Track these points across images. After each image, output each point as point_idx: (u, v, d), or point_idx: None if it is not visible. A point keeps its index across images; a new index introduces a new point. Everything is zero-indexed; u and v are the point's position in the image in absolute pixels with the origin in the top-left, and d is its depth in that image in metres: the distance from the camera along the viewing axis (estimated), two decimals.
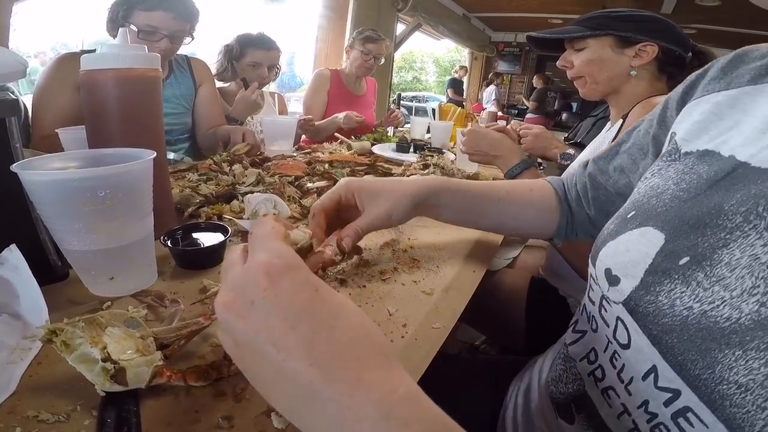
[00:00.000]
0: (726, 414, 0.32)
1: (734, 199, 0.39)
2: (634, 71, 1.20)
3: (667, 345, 0.38)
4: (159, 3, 1.52)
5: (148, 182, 0.57)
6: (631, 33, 1.17)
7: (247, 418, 0.41)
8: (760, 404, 0.30)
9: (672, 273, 0.40)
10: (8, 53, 0.60)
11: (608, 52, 1.21)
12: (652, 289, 0.41)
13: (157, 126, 0.77)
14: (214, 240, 0.71)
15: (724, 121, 0.47)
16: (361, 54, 2.54)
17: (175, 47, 1.63)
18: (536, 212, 0.79)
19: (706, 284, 0.37)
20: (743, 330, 0.33)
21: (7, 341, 0.47)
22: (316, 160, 1.41)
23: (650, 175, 0.53)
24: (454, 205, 0.75)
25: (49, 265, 0.60)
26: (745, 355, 0.32)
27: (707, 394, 0.33)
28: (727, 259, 0.36)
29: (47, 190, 0.50)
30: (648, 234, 0.44)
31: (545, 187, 0.81)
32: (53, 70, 1.48)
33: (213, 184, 1.03)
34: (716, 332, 0.34)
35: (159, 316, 0.55)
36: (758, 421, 0.30)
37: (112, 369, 0.39)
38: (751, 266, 0.35)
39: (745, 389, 0.31)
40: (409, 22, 5.44)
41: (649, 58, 1.17)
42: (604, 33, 1.20)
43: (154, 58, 0.73)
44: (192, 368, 0.44)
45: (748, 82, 0.48)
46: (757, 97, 0.46)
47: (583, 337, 0.55)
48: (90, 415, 0.39)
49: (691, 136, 0.50)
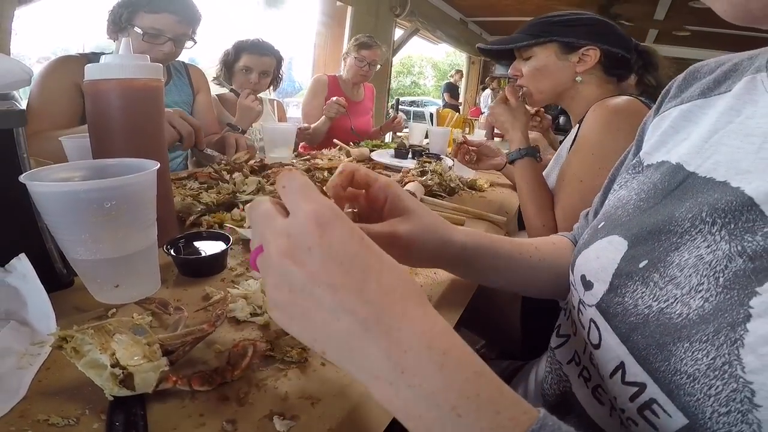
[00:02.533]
0: (682, 403, 0.35)
1: (683, 207, 0.43)
2: (579, 77, 1.21)
3: (634, 342, 0.41)
4: (164, 5, 1.51)
5: (152, 193, 0.59)
6: (573, 38, 1.18)
7: (250, 421, 0.42)
8: (706, 392, 0.33)
9: (634, 275, 0.43)
10: (14, 62, 0.61)
11: (553, 60, 1.22)
12: (619, 291, 0.44)
13: (159, 135, 0.78)
14: (216, 249, 0.72)
15: (680, 134, 0.52)
16: (356, 61, 2.55)
17: (177, 51, 1.64)
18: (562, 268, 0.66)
19: (661, 284, 0.40)
20: (691, 324, 0.36)
21: (16, 347, 0.48)
22: (315, 167, 1.43)
23: (618, 187, 0.58)
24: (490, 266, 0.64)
25: (54, 273, 0.61)
26: (691, 347, 0.35)
27: (666, 385, 0.37)
28: (678, 261, 0.40)
29: (55, 201, 0.51)
30: (614, 241, 0.48)
31: (564, 242, 0.74)
32: (51, 71, 1.47)
33: (214, 193, 1.04)
34: (671, 327, 0.38)
35: (163, 323, 0.57)
36: (707, 408, 0.33)
37: (121, 374, 0.40)
38: (697, 266, 0.38)
39: (693, 378, 0.34)
40: (407, 27, 5.46)
41: (591, 62, 1.18)
42: (547, 40, 1.21)
43: (157, 68, 0.74)
44: (197, 373, 0.45)
45: (699, 96, 0.52)
46: (706, 108, 0.50)
47: (567, 341, 0.58)
48: (98, 418, 0.41)
49: (652, 150, 0.55)
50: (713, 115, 0.48)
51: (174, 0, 1.54)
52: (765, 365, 0.31)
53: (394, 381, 0.31)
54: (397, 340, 0.31)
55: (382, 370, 0.32)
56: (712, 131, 0.46)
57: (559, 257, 0.69)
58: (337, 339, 0.33)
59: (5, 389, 0.43)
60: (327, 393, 0.46)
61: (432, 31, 5.80)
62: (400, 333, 0.32)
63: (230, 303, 0.58)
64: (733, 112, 0.45)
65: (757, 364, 0.31)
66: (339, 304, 0.32)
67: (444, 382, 0.30)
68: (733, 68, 0.51)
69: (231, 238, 0.75)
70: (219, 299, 0.59)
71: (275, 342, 0.52)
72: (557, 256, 0.69)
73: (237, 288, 0.63)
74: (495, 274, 0.65)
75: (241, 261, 0.76)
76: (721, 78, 0.51)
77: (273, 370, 0.49)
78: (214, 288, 0.64)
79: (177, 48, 1.62)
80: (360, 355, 0.32)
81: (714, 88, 0.51)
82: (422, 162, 1.53)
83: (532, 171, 1.23)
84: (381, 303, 0.32)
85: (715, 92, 0.51)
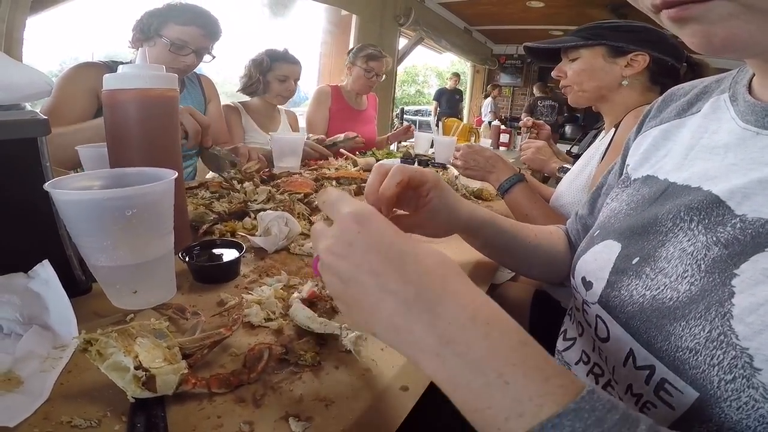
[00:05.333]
0: (690, 376, 0.39)
1: (665, 209, 0.49)
2: (626, 81, 1.22)
3: (635, 328, 0.46)
4: (193, 19, 1.58)
5: (170, 201, 0.60)
6: (623, 43, 1.19)
7: (267, 422, 0.43)
8: (709, 362, 0.37)
9: (628, 271, 0.49)
10: (35, 73, 0.62)
11: (600, 62, 1.23)
12: (615, 286, 0.50)
13: (174, 144, 0.80)
14: (230, 256, 0.74)
15: (660, 151, 0.59)
16: (363, 72, 2.55)
17: (197, 63, 1.70)
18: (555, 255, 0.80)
19: (652, 275, 0.46)
20: (683, 305, 0.41)
21: (38, 351, 0.50)
22: (323, 176, 1.44)
23: (610, 200, 0.65)
24: (492, 240, 0.76)
25: (74, 279, 0.63)
26: (688, 324, 0.40)
27: (671, 363, 0.41)
28: (665, 254, 0.46)
29: (79, 209, 0.53)
30: (609, 245, 0.55)
31: (560, 233, 0.85)
32: (71, 76, 1.49)
33: (225, 202, 1.06)
34: (664, 310, 0.43)
35: (180, 327, 0.58)
36: (714, 378, 0.36)
37: (143, 376, 0.42)
38: (681, 257, 0.44)
39: (695, 352, 0.38)
40: (412, 37, 5.50)
41: (640, 67, 1.18)
42: (597, 43, 1.22)
43: (173, 78, 0.76)
44: (215, 376, 0.46)
45: (675, 116, 0.60)
46: (681, 128, 0.58)
47: (574, 344, 0.62)
48: (120, 420, 0.42)
49: (638, 165, 0.62)
50: (687, 134, 0.55)
51: (202, 14, 1.61)
52: (755, 331, 0.35)
53: (441, 352, 0.33)
54: (440, 314, 0.34)
55: (428, 343, 0.34)
56: (688, 147, 0.53)
57: (554, 244, 0.80)
58: (385, 319, 0.36)
59: (29, 392, 0.44)
60: (340, 395, 0.48)
61: (436, 40, 5.84)
62: (442, 307, 0.34)
63: (245, 308, 0.59)
64: (701, 130, 0.53)
65: (748, 331, 0.35)
66: (382, 287, 0.36)
67: (489, 349, 0.32)
68: (704, 90, 0.58)
69: (244, 246, 0.76)
70: (235, 304, 0.60)
71: (289, 346, 0.53)
72: (552, 243, 0.80)
73: (251, 294, 0.64)
74: (497, 248, 0.78)
75: (253, 268, 0.78)
76: (693, 100, 0.59)
77: (288, 373, 0.50)
78: (229, 294, 0.65)
79: (198, 60, 1.68)
80: (405, 331, 0.35)
81: (687, 109, 0.59)
82: None
83: (529, 190, 1.27)
84: (421, 282, 0.35)
85: (689, 113, 0.58)
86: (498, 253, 0.80)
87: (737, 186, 0.43)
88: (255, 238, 0.85)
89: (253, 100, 2.28)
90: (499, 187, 1.33)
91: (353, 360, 0.53)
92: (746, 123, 0.46)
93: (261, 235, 0.87)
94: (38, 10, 1.95)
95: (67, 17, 14.74)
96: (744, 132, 0.46)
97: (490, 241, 0.77)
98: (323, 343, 0.56)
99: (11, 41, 1.80)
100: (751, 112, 0.46)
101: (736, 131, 0.47)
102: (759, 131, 0.44)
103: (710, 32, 0.35)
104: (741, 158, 0.45)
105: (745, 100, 0.47)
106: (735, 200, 0.42)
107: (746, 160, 0.44)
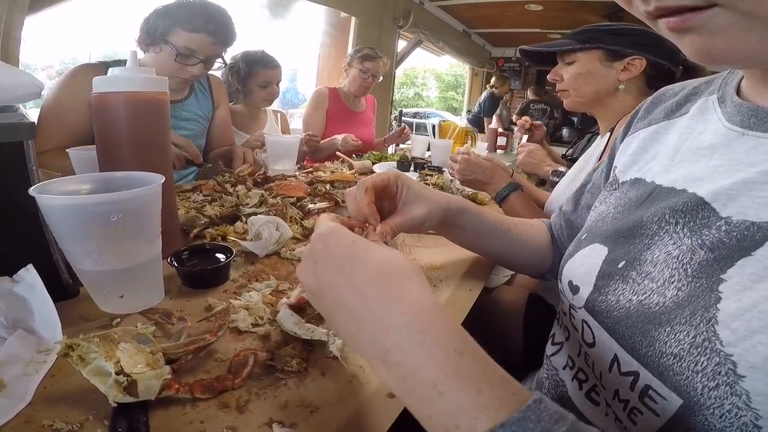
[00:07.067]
0: (673, 383, 0.38)
1: (650, 212, 0.49)
2: (623, 85, 1.22)
3: (620, 333, 0.45)
4: (203, 25, 1.43)
5: (157, 206, 0.60)
6: (620, 46, 1.19)
7: (250, 428, 0.43)
8: (693, 368, 0.37)
9: (614, 275, 0.49)
10: (25, 75, 0.63)
11: (596, 66, 1.23)
12: (602, 290, 0.50)
13: (165, 148, 0.80)
14: (219, 261, 0.74)
15: (648, 153, 0.58)
16: (359, 73, 2.55)
17: (206, 71, 1.59)
18: (535, 247, 0.83)
19: (639, 280, 0.46)
20: (668, 311, 0.41)
21: (22, 355, 0.49)
22: (317, 180, 1.44)
23: (598, 204, 0.64)
24: (471, 228, 0.78)
25: (61, 283, 0.62)
26: (672, 330, 0.39)
27: (656, 369, 0.40)
28: (651, 258, 0.46)
29: (64, 213, 0.53)
30: (595, 249, 0.54)
31: (542, 227, 0.86)
32: (68, 83, 1.40)
33: (217, 206, 1.05)
34: (650, 316, 0.42)
35: (166, 332, 0.58)
36: (697, 384, 0.36)
37: (125, 381, 0.42)
38: (667, 261, 0.44)
39: (679, 358, 0.38)
40: (410, 39, 5.50)
41: (637, 71, 1.19)
42: (593, 46, 1.22)
43: (163, 81, 0.76)
44: (198, 381, 0.46)
45: (663, 118, 0.59)
46: (669, 129, 0.57)
47: (561, 348, 0.62)
48: (102, 424, 0.42)
49: (625, 168, 0.61)
50: (675, 135, 0.55)
51: (214, 19, 1.46)
52: (739, 337, 0.34)
53: (384, 360, 0.34)
54: (381, 320, 0.35)
55: (373, 351, 0.35)
56: (675, 149, 0.53)
57: (533, 236, 0.82)
58: (342, 329, 0.39)
59: (12, 395, 0.44)
60: (326, 401, 0.47)
61: (435, 42, 5.85)
62: (382, 314, 0.35)
63: (232, 314, 0.59)
64: (688, 131, 0.52)
65: (733, 337, 0.35)
66: (336, 298, 0.39)
67: (424, 358, 0.32)
68: (693, 92, 0.58)
69: (234, 250, 0.76)
70: (221, 310, 0.60)
71: (275, 352, 0.53)
72: (532, 234, 0.83)
73: (239, 299, 0.64)
74: (477, 237, 0.80)
75: (243, 273, 0.78)
76: (682, 101, 0.58)
77: (273, 379, 0.50)
78: (217, 299, 0.65)
79: (207, 68, 1.56)
80: (357, 339, 0.37)
81: (676, 110, 0.58)
82: (424, 175, 1.54)
83: (525, 198, 1.28)
84: (366, 290, 0.37)
85: (677, 114, 0.57)
86: (481, 243, 0.82)
87: (722, 187, 0.42)
88: (245, 242, 0.84)
89: (238, 106, 2.24)
90: (496, 196, 1.33)
91: (340, 366, 0.53)
92: (732, 124, 0.46)
93: (252, 240, 0.87)
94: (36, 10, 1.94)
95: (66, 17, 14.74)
96: (729, 133, 0.46)
97: (471, 228, 0.78)
98: (311, 349, 0.56)
99: (9, 40, 1.79)
100: (737, 113, 0.45)
101: (722, 132, 0.47)
102: (745, 132, 0.44)
103: (710, 44, 0.35)
104: (727, 159, 0.44)
105: (733, 101, 0.47)
106: (720, 202, 0.42)
107: (732, 161, 0.43)
